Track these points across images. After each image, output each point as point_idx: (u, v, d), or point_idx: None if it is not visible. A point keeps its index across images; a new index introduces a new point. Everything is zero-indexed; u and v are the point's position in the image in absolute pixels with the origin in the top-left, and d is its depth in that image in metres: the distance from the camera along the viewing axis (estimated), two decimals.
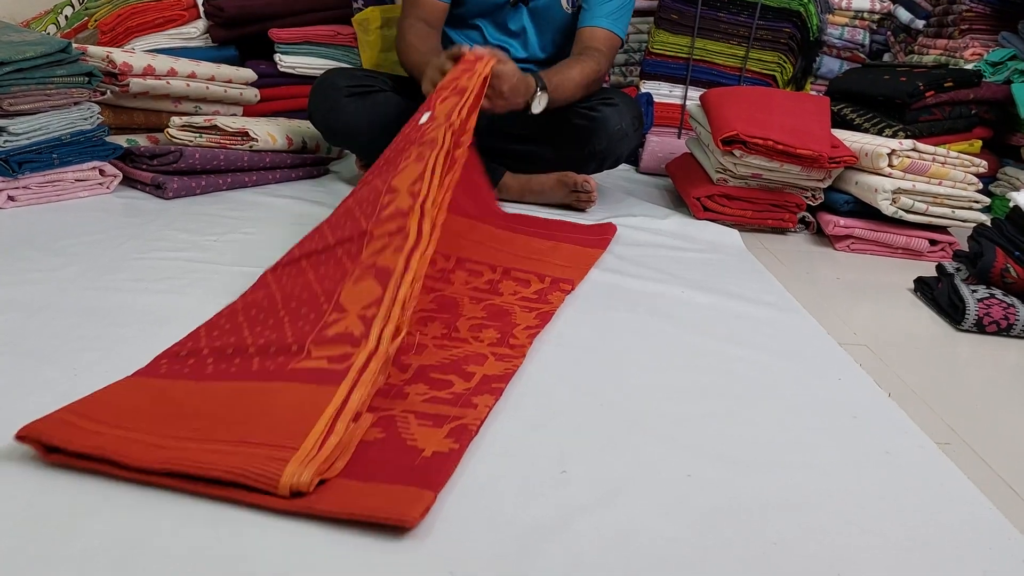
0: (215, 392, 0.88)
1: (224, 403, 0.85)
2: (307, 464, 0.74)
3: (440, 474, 0.79)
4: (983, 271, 1.47)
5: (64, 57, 1.60)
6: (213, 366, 0.94)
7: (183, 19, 2.35)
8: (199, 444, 0.77)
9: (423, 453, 0.82)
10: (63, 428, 0.78)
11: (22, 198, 1.57)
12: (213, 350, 0.98)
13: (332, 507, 0.72)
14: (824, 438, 0.99)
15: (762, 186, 1.92)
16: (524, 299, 1.32)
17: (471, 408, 0.93)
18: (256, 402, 0.85)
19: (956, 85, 2.20)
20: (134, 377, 0.93)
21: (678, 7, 2.52)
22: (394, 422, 0.88)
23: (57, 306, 1.14)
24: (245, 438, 0.78)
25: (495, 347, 1.11)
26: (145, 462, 0.74)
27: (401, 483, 0.76)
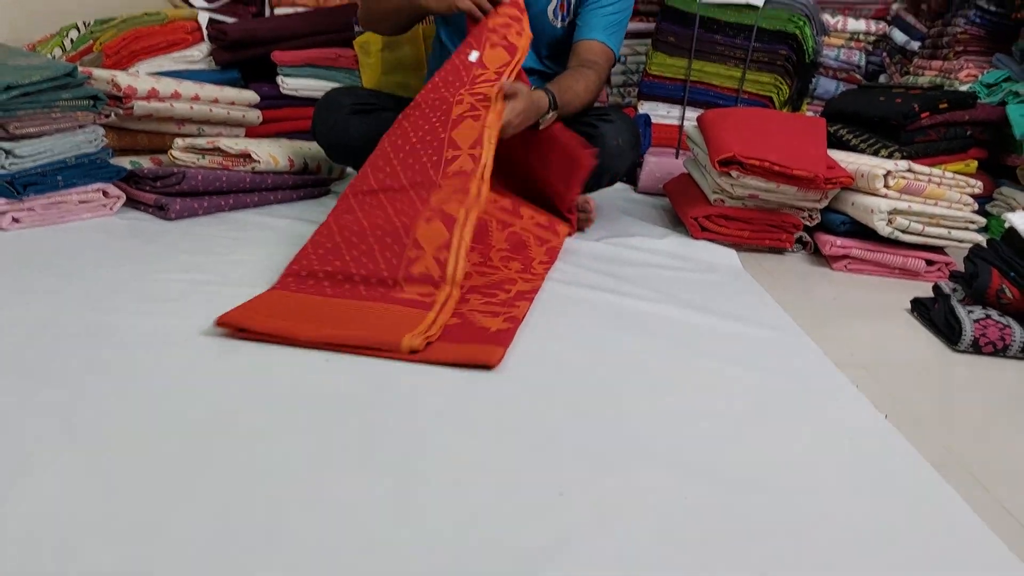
0: (339, 305, 1.28)
1: (348, 312, 1.25)
2: (416, 336, 1.16)
3: (506, 338, 1.22)
4: (979, 292, 1.48)
5: (70, 81, 1.62)
6: (330, 288, 1.33)
7: (187, 42, 2.38)
8: (341, 330, 1.17)
9: (490, 329, 1.24)
10: (247, 317, 1.18)
11: (27, 220, 1.58)
12: (326, 274, 1.36)
13: (439, 357, 1.15)
14: (822, 460, 1.00)
15: (759, 206, 1.94)
16: (539, 226, 1.75)
17: (514, 307, 1.35)
18: (372, 313, 1.25)
19: (951, 106, 2.22)
20: (275, 291, 1.32)
21: (675, 29, 2.55)
22: (465, 316, 1.29)
23: (59, 327, 1.15)
24: (371, 330, 1.18)
25: (521, 273, 1.53)
26: (307, 336, 1.14)
27: (481, 343, 1.19)
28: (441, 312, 1.26)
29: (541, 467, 0.91)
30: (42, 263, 1.40)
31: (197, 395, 1.01)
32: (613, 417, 1.05)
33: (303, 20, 2.54)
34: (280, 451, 0.90)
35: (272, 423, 0.95)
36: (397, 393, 1.06)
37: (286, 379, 1.07)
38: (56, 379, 1.00)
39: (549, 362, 1.20)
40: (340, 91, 1.91)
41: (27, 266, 1.38)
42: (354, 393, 1.05)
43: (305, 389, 1.05)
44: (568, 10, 1.95)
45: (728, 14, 2.51)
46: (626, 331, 1.35)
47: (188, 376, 1.05)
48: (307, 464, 0.87)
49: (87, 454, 0.85)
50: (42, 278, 1.33)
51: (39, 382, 0.99)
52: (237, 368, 1.09)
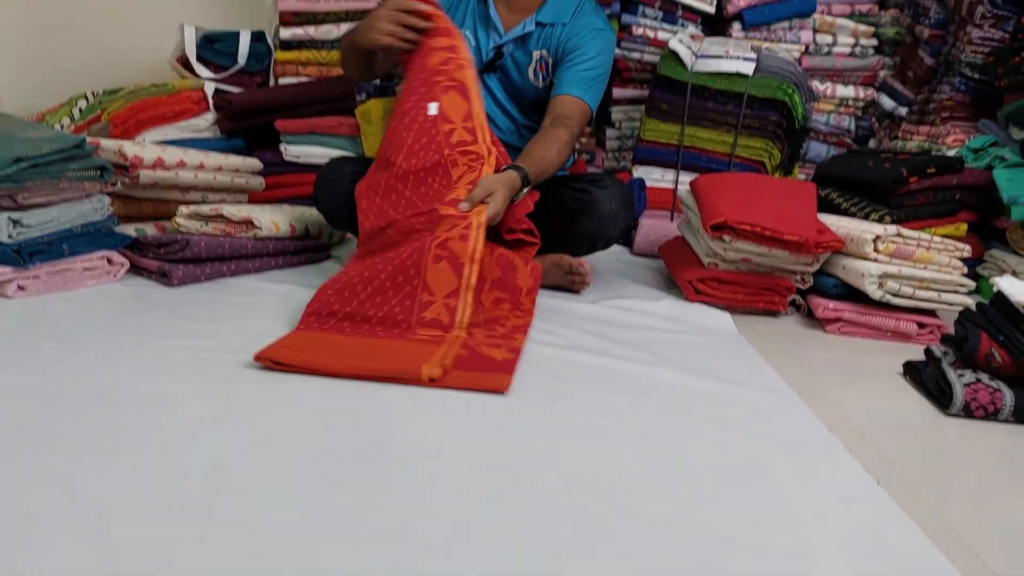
0: (360, 343, 1.45)
1: (369, 348, 1.42)
2: (434, 365, 1.32)
3: (511, 366, 1.40)
4: (969, 355, 1.50)
5: (78, 152, 1.67)
6: (350, 328, 1.50)
7: (193, 112, 2.44)
8: (367, 363, 1.33)
9: (496, 359, 1.42)
10: (282, 352, 1.34)
11: (32, 287, 1.61)
12: (345, 315, 1.52)
13: (456, 383, 1.32)
14: (814, 526, 1.01)
15: (752, 270, 1.97)
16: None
17: (513, 339, 1.53)
18: (390, 348, 1.42)
19: (939, 171, 2.27)
20: (301, 331, 1.49)
21: (668, 97, 2.62)
22: (472, 348, 1.46)
23: (62, 394, 1.17)
24: (392, 361, 1.35)
25: (512, 311, 1.69)
26: (336, 370, 1.30)
27: (490, 371, 1.36)
28: (452, 345, 1.44)
29: (533, 530, 0.92)
30: (46, 330, 1.42)
31: (196, 460, 1.02)
32: (606, 479, 1.07)
33: (306, 89, 2.61)
34: (277, 514, 0.91)
35: (270, 486, 0.97)
36: (392, 453, 1.08)
37: (284, 442, 1.08)
38: (58, 445, 1.02)
39: (542, 424, 1.22)
40: (341, 160, 1.96)
41: (31, 333, 1.41)
42: (350, 454, 1.06)
43: (303, 451, 1.06)
44: (547, 70, 2.02)
45: (719, 82, 2.58)
46: (620, 393, 1.37)
47: (188, 442, 1.07)
48: (303, 527, 0.88)
49: (88, 520, 0.87)
50: (45, 345, 1.35)
51: (41, 447, 1.01)
52: (235, 432, 1.10)
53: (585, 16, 2.02)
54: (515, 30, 2.01)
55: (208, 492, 0.95)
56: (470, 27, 2.03)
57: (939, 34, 2.82)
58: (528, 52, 2.01)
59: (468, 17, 2.04)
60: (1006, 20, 2.59)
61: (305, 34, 2.65)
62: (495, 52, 2.01)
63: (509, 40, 2.00)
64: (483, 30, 2.03)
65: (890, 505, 1.08)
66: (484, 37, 2.03)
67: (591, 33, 1.99)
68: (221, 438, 1.09)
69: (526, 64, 2.01)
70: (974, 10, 2.62)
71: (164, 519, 0.89)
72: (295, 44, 2.67)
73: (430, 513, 0.94)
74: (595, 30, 2.01)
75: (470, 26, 2.03)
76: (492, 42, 2.02)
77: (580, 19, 2.01)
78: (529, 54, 2.01)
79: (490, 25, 2.01)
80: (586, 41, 1.98)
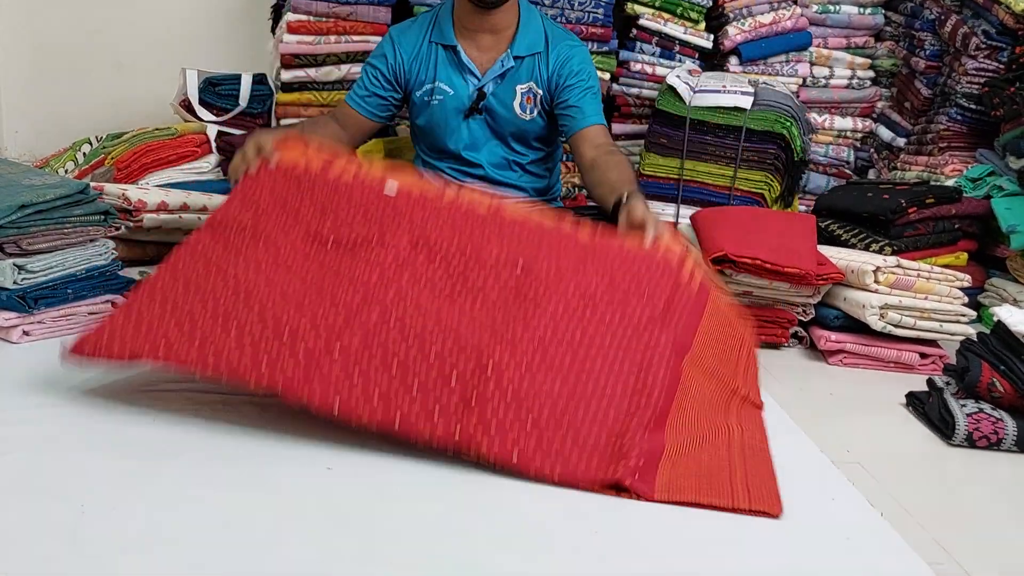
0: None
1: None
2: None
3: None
4: (970, 386, 1.49)
5: (82, 198, 1.69)
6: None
7: (196, 155, 2.48)
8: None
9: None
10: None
11: (36, 332, 1.62)
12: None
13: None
14: (818, 561, 1.01)
15: (753, 303, 1.98)
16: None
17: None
18: None
19: (937, 201, 2.28)
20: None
21: (666, 132, 2.64)
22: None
23: (65, 442, 1.18)
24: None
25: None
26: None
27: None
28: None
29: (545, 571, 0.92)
30: (49, 377, 1.42)
31: (202, 505, 1.03)
32: (606, 508, 1.07)
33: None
34: (283, 564, 0.91)
35: (272, 534, 0.97)
36: (398, 500, 1.07)
37: (287, 490, 1.08)
38: (61, 495, 1.02)
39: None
40: None
41: (34, 379, 1.41)
42: (353, 500, 1.06)
43: (309, 500, 1.06)
44: (535, 102, 2.03)
45: (717, 116, 2.60)
46: None
47: (190, 486, 1.07)
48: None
49: (93, 567, 0.87)
50: (48, 391, 1.35)
51: (45, 497, 1.02)
52: (240, 480, 1.10)
53: (559, 39, 2.03)
54: (493, 69, 2.01)
55: (213, 543, 0.95)
56: (443, 77, 2.01)
57: (935, 65, 2.84)
58: (511, 88, 2.02)
59: (439, 68, 2.02)
60: (1000, 51, 2.62)
61: (306, 76, 2.68)
62: (477, 94, 2.01)
63: (489, 80, 2.01)
64: (458, 76, 2.01)
65: (894, 539, 1.08)
66: (461, 83, 2.01)
67: (574, 53, 2.02)
68: (226, 487, 1.09)
69: (510, 100, 2.02)
70: (968, 41, 2.65)
71: (168, 565, 0.89)
72: (296, 86, 2.70)
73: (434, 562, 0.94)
74: (576, 48, 2.04)
75: (443, 76, 2.01)
76: (471, 86, 2.02)
77: (557, 45, 2.02)
78: (513, 90, 2.02)
79: (464, 70, 2.01)
80: (579, 64, 2.01)
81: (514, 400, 1.20)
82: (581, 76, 2.00)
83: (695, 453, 1.21)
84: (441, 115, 2.03)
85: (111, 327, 1.29)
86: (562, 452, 1.16)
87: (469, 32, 2.00)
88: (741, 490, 1.13)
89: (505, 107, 2.02)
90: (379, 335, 1.27)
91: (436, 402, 1.20)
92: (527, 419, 1.19)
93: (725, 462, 1.21)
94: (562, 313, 1.32)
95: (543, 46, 2.02)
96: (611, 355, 1.30)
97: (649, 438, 1.20)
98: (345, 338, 1.25)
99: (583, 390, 1.25)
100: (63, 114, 3.16)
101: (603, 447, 1.18)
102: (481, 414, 1.17)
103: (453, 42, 2.00)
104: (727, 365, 1.48)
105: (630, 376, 1.28)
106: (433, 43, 2.01)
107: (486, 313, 1.31)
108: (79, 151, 2.61)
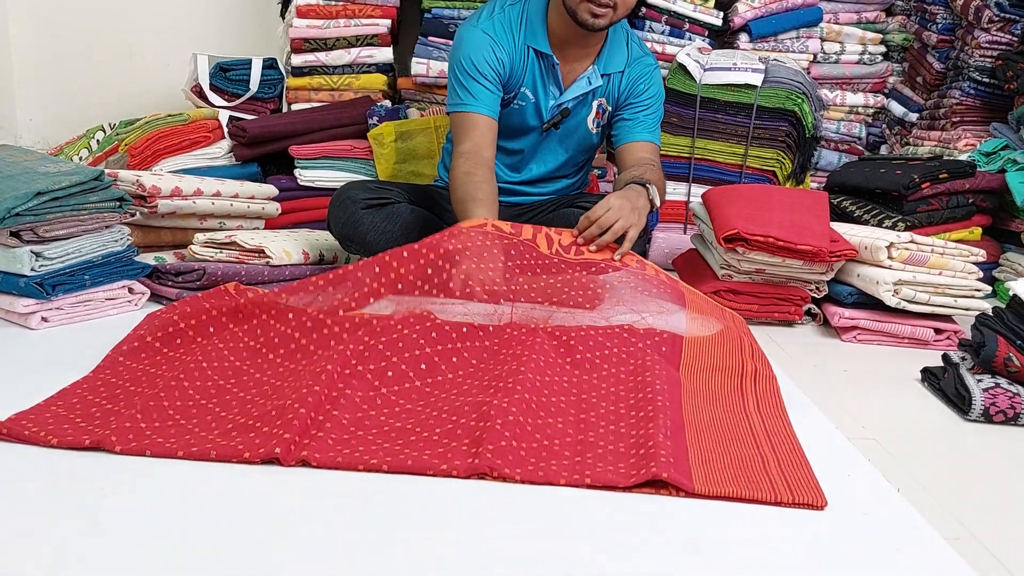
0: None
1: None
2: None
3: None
4: (986, 361, 1.49)
5: (97, 185, 1.70)
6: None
7: (208, 140, 2.48)
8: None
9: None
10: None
11: (55, 319, 1.64)
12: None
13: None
14: (835, 537, 1.01)
15: (766, 280, 1.97)
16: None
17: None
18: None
19: (951, 176, 2.27)
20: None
21: (677, 111, 2.63)
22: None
23: None
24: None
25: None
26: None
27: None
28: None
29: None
30: (69, 362, 1.43)
31: (219, 486, 1.04)
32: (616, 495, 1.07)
33: (319, 115, 2.64)
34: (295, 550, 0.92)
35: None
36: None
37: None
38: (86, 477, 1.04)
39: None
40: (353, 186, 1.97)
41: (55, 366, 1.42)
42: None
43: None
44: (603, 117, 2.03)
45: (728, 94, 2.59)
46: None
47: (208, 467, 1.08)
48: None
49: (113, 551, 0.88)
50: (70, 376, 1.35)
51: (69, 481, 1.03)
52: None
53: (638, 59, 2.02)
54: (579, 85, 1.97)
55: (227, 527, 0.96)
56: (530, 84, 1.97)
57: (947, 39, 2.82)
58: (589, 104, 2.01)
59: (530, 74, 1.96)
60: (1014, 23, 2.59)
61: (316, 60, 2.68)
62: (560, 110, 1.98)
63: (572, 97, 1.98)
64: (544, 86, 1.97)
65: (911, 514, 1.08)
66: (544, 94, 1.98)
67: (649, 76, 2.02)
68: (242, 470, 1.10)
69: (585, 114, 2.01)
70: (981, 14, 2.62)
71: (188, 551, 0.90)
72: (307, 70, 2.71)
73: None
74: (651, 69, 2.03)
75: (529, 83, 1.97)
76: (552, 99, 1.98)
77: (636, 65, 2.01)
78: (589, 105, 2.01)
79: (552, 82, 1.97)
80: (650, 85, 2.01)
81: (523, 433, 1.17)
82: (649, 96, 2.02)
83: (722, 448, 1.19)
84: (518, 119, 2.01)
85: (42, 416, 1.19)
86: (585, 463, 1.13)
87: (561, 42, 1.94)
88: (780, 482, 1.10)
89: (579, 121, 2.02)
90: (367, 411, 1.25)
91: (446, 447, 1.14)
92: (540, 447, 1.16)
93: (755, 452, 1.18)
94: (545, 365, 1.38)
95: (624, 63, 2.01)
96: (604, 386, 1.36)
97: (672, 437, 1.17)
98: (335, 412, 1.21)
99: (587, 419, 1.26)
100: (77, 102, 3.17)
101: (626, 454, 1.15)
102: (496, 445, 1.11)
103: (549, 52, 1.94)
104: (727, 354, 1.50)
105: (628, 396, 1.32)
106: (527, 45, 1.94)
107: (475, 385, 1.34)
108: (93, 138, 2.62)
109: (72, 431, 1.14)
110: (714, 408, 1.33)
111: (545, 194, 2.13)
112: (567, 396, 1.33)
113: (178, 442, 1.12)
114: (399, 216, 1.92)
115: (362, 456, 1.10)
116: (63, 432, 1.13)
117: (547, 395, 1.31)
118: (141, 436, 1.12)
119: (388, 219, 1.91)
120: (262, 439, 1.12)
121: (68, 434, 1.12)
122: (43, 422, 1.16)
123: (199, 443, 1.11)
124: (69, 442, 1.10)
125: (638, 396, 1.31)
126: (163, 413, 1.19)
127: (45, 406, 1.22)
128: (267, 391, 1.29)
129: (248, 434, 1.14)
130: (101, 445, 1.10)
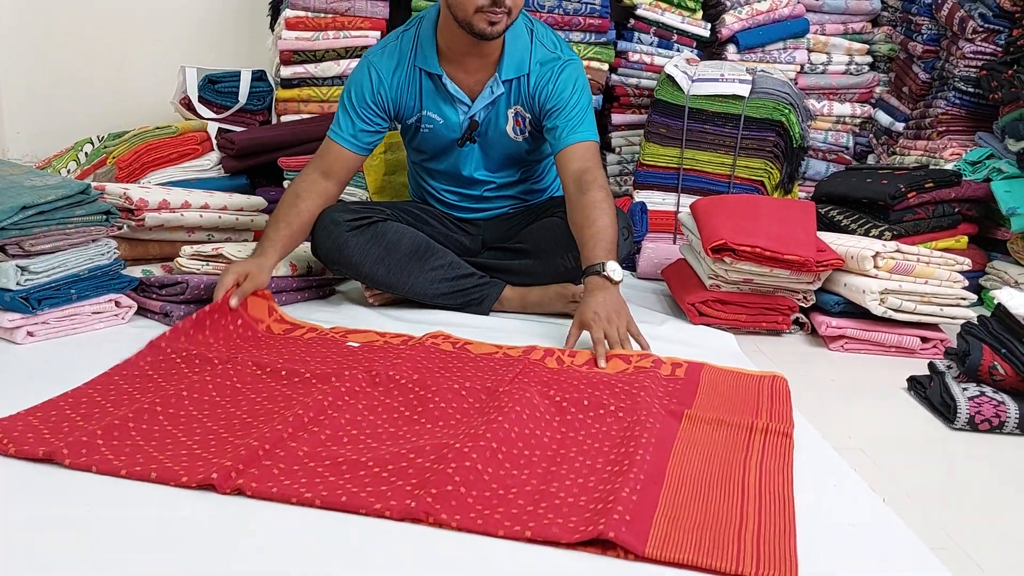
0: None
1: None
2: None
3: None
4: (971, 369, 1.50)
5: (83, 198, 1.69)
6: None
7: (197, 152, 2.49)
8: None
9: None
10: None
11: (40, 333, 1.63)
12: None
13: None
14: (822, 548, 1.01)
15: (754, 290, 1.98)
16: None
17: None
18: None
19: (936, 185, 2.29)
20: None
21: (665, 121, 2.64)
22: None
23: None
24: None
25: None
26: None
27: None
28: None
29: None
30: (55, 376, 1.43)
31: (208, 502, 1.04)
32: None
33: (307, 126, 2.64)
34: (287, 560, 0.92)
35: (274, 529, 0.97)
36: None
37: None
38: (70, 492, 1.03)
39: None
40: (336, 208, 1.96)
41: (39, 380, 1.41)
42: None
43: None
44: (524, 123, 1.98)
45: (715, 104, 2.61)
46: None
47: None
48: None
49: (99, 564, 0.88)
50: (55, 392, 1.35)
51: (53, 495, 1.03)
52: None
53: (546, 59, 1.93)
54: (483, 96, 1.93)
55: (218, 539, 0.96)
56: (430, 106, 1.94)
57: (932, 49, 2.84)
58: (502, 112, 1.96)
59: (425, 99, 1.94)
60: (997, 34, 2.62)
61: (306, 72, 2.69)
62: (469, 123, 1.95)
63: (479, 108, 1.94)
64: (447, 105, 1.94)
65: (897, 524, 1.08)
66: (451, 111, 1.94)
67: (561, 73, 1.92)
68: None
69: (503, 123, 1.97)
70: (965, 25, 2.65)
71: (175, 565, 0.90)
72: (296, 82, 2.71)
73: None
74: (561, 66, 1.93)
75: (430, 105, 1.94)
76: (461, 114, 1.94)
77: (544, 66, 1.93)
78: (504, 114, 1.96)
79: (452, 99, 1.93)
80: (559, 84, 1.91)
81: (476, 480, 1.10)
82: (562, 95, 1.91)
83: (699, 505, 1.09)
84: (433, 141, 2.00)
85: (26, 426, 1.20)
86: (536, 515, 1.04)
87: (456, 56, 1.90)
88: (750, 548, 0.98)
89: (497, 131, 1.98)
90: (329, 446, 1.21)
91: (391, 485, 1.09)
92: (493, 495, 1.09)
93: (737, 512, 1.07)
94: (528, 417, 1.30)
95: (528, 65, 1.93)
96: (589, 442, 1.26)
97: (641, 491, 1.08)
98: (292, 444, 1.18)
99: (557, 471, 1.17)
100: (64, 114, 3.17)
101: (584, 508, 1.06)
102: (440, 490, 1.05)
103: (438, 71, 1.90)
104: (739, 411, 1.42)
105: (611, 451, 1.23)
106: (417, 67, 1.92)
107: (447, 430, 1.28)
108: (81, 151, 2.62)
109: (33, 441, 1.15)
110: (708, 461, 1.22)
111: (511, 197, 2.11)
112: (543, 451, 1.24)
113: (127, 460, 1.11)
114: (384, 236, 1.93)
115: (297, 489, 1.06)
116: (23, 441, 1.14)
117: (520, 447, 1.22)
118: (93, 452, 1.12)
119: (373, 239, 1.92)
120: (204, 465, 1.11)
121: (27, 443, 1.14)
122: (11, 430, 1.17)
123: (145, 463, 1.11)
124: (25, 452, 1.12)
125: (619, 451, 1.22)
126: (125, 433, 1.19)
127: (22, 416, 1.23)
128: (235, 425, 1.27)
129: (195, 461, 1.12)
130: (52, 457, 1.10)
